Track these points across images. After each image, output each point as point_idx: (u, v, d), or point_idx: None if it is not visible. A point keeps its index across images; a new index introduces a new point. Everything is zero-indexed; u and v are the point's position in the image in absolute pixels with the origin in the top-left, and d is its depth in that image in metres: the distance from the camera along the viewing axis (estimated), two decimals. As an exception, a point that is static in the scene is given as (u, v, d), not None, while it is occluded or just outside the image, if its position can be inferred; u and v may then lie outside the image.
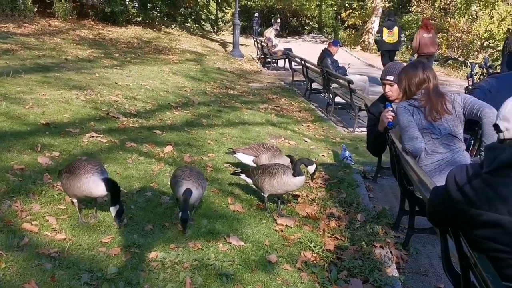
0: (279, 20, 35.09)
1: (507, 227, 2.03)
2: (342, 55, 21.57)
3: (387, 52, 15.00)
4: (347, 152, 6.65)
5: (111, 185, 3.71)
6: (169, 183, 4.42)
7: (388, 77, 4.97)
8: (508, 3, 20.43)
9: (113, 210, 3.71)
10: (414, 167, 3.72)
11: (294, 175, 4.45)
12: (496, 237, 2.10)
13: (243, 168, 5.42)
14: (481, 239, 2.15)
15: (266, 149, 5.42)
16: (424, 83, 4.14)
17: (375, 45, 23.84)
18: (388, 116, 4.75)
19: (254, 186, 4.71)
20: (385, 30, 14.81)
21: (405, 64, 5.05)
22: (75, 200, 3.93)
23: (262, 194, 4.63)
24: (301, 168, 4.52)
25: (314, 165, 4.63)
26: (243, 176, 4.82)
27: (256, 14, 37.46)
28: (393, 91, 4.98)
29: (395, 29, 14.73)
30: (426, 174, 3.56)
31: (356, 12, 33.63)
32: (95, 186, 3.71)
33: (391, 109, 4.79)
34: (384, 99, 5.21)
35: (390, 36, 14.68)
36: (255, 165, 5.32)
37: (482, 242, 2.15)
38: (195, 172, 4.23)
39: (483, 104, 4.00)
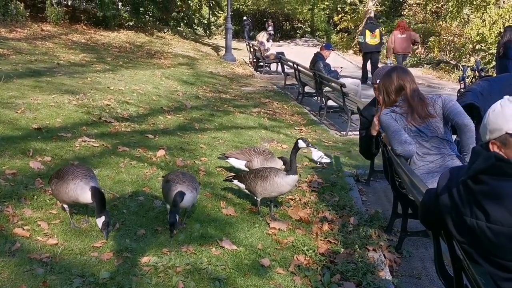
0: (270, 28, 35.23)
1: (486, 234, 2.04)
2: (334, 59, 21.67)
3: (370, 53, 15.60)
4: (320, 152, 6.70)
5: (96, 194, 3.66)
6: (161, 188, 4.39)
7: (379, 81, 4.97)
8: (499, 6, 20.56)
9: (99, 222, 3.59)
10: (406, 170, 3.73)
11: (287, 174, 4.45)
12: (475, 243, 2.11)
13: (236, 172, 5.43)
14: (463, 244, 2.16)
15: (258, 153, 5.42)
16: (401, 89, 4.16)
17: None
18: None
19: (247, 191, 4.70)
20: (367, 32, 15.41)
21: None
22: (65, 206, 3.91)
23: (255, 198, 4.63)
24: (296, 164, 4.52)
25: (301, 141, 4.59)
26: (235, 181, 4.81)
27: (245, 18, 37.51)
28: None
29: (377, 31, 15.41)
30: (418, 177, 3.57)
31: (349, 16, 33.75)
32: (82, 193, 3.68)
33: None
34: (376, 103, 5.22)
35: (372, 38, 15.37)
36: (247, 169, 5.32)
37: (465, 246, 2.16)
38: (188, 176, 4.22)
39: (459, 114, 4.01)
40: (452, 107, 4.07)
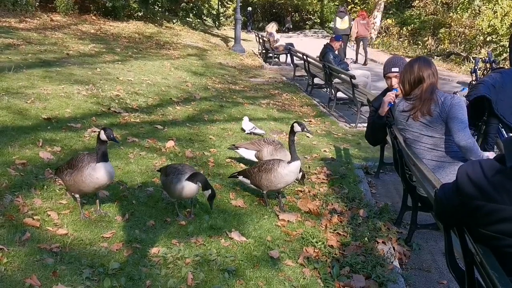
0: (289, 23, 35.61)
1: None
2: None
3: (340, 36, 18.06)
4: (250, 124, 6.76)
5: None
6: (162, 183, 4.33)
7: (394, 69, 4.89)
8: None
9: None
10: (417, 162, 3.70)
11: (289, 162, 4.46)
12: (508, 231, 2.08)
13: (245, 163, 5.43)
14: (499, 234, 2.12)
15: (267, 143, 5.42)
16: (420, 81, 4.02)
17: (377, 39, 24.66)
18: (391, 97, 4.73)
19: (253, 186, 4.68)
20: (338, 19, 18.76)
21: (406, 58, 5.04)
22: (77, 195, 3.91)
23: (262, 191, 4.62)
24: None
25: (296, 125, 4.62)
26: (240, 177, 4.79)
27: (249, 8, 37.43)
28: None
29: (346, 18, 18.68)
30: (430, 170, 3.54)
31: (359, 7, 33.51)
32: (96, 173, 3.72)
33: (397, 93, 4.77)
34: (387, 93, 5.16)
35: (342, 24, 18.60)
36: (257, 160, 5.32)
37: (498, 237, 2.13)
38: (188, 166, 4.23)
39: (455, 132, 3.83)
40: (452, 121, 3.87)
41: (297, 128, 4.59)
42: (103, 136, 3.76)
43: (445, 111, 3.89)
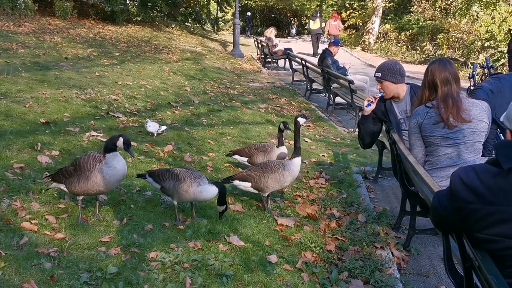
0: (294, 29, 36.05)
1: None
2: (342, 55, 21.63)
3: (314, 35, 23.27)
4: (155, 124, 6.77)
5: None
6: (166, 186, 4.17)
7: (376, 74, 4.88)
8: (509, 4, 20.39)
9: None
10: (416, 167, 3.70)
11: (291, 158, 4.58)
12: (508, 233, 2.09)
13: (244, 167, 5.41)
14: (497, 236, 2.12)
15: (258, 149, 5.45)
16: (434, 87, 3.93)
17: (375, 45, 25.22)
18: (370, 98, 4.93)
19: (252, 189, 4.63)
20: (311, 21, 23.28)
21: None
22: (80, 198, 3.89)
23: (262, 194, 4.60)
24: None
25: (300, 118, 4.84)
26: (236, 182, 4.69)
27: (249, 13, 37.52)
28: (383, 88, 4.87)
29: (318, 20, 22.90)
30: (428, 174, 3.53)
31: (357, 12, 33.53)
32: (119, 164, 3.78)
33: (378, 97, 4.86)
34: (384, 99, 5.17)
35: (314, 25, 22.91)
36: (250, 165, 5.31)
37: (496, 240, 2.13)
38: (197, 171, 4.24)
39: None
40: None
41: (302, 121, 4.78)
42: (119, 144, 3.81)
43: (487, 117, 3.91)
